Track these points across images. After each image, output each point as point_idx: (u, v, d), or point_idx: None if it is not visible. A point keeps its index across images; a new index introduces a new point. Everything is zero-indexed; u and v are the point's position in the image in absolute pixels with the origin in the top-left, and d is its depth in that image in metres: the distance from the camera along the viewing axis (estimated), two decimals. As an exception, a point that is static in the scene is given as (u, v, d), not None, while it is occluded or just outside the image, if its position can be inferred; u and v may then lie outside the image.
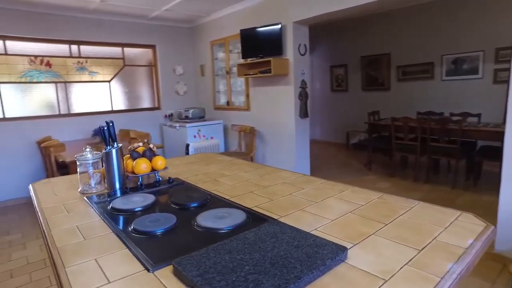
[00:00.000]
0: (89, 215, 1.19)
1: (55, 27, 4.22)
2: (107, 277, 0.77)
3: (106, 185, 1.48)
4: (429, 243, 0.84)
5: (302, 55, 3.60)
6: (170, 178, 1.60)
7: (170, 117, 5.50)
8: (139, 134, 4.24)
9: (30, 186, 1.65)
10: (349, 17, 6.31)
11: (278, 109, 3.92)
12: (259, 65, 3.84)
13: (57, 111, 4.42)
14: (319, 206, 1.16)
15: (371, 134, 4.86)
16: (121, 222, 1.10)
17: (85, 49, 4.57)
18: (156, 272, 0.78)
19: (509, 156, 2.22)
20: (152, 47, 5.24)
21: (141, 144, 1.63)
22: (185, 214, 1.14)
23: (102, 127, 1.44)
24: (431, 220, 0.99)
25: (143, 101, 5.33)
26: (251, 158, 4.31)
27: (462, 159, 3.86)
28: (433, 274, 0.71)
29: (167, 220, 1.05)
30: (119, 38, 4.80)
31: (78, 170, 1.48)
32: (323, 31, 7.05)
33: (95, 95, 4.77)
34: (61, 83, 4.42)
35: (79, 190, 1.49)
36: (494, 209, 2.61)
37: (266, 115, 4.16)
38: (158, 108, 5.47)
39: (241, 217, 1.05)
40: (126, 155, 1.60)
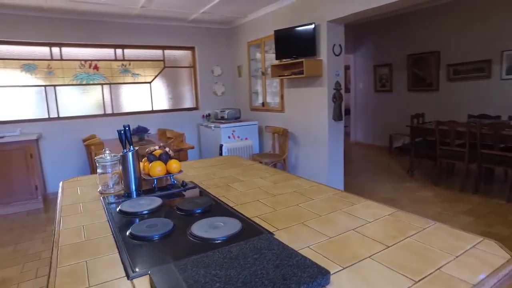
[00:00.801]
0: (98, 215, 1.24)
1: (102, 33, 4.54)
2: (89, 281, 0.79)
3: (123, 186, 1.54)
4: (429, 274, 0.75)
5: (337, 55, 3.46)
6: (183, 182, 1.62)
7: (207, 117, 5.63)
8: (174, 134, 4.40)
9: (60, 183, 1.78)
10: (394, 13, 5.94)
11: (311, 111, 3.82)
12: (293, 66, 3.76)
13: (102, 111, 4.76)
14: (321, 221, 1.09)
15: (413, 138, 4.53)
16: (124, 225, 1.13)
17: (128, 52, 4.86)
18: (135, 280, 0.78)
19: None
20: (191, 48, 5.40)
21: (157, 147, 1.68)
22: (186, 220, 1.14)
23: (120, 130, 1.51)
24: (442, 245, 0.88)
25: (182, 102, 5.51)
26: (284, 161, 4.25)
27: (519, 169, 3.43)
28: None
29: (163, 226, 1.06)
30: (160, 41, 5.01)
31: (97, 171, 1.56)
32: (367, 29, 6.73)
33: (137, 95, 5.04)
34: (106, 85, 4.75)
35: (98, 190, 1.57)
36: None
37: (299, 117, 4.07)
38: (197, 109, 5.62)
39: (235, 228, 1.02)
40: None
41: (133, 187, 1.52)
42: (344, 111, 8.99)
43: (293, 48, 3.69)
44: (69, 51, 4.43)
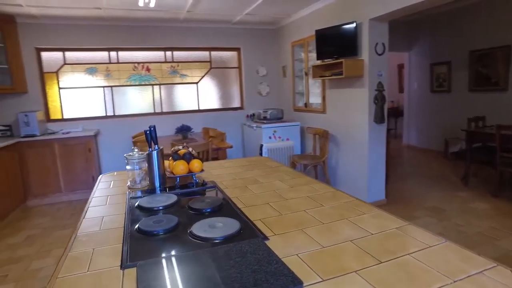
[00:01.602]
0: (119, 209, 1.35)
1: (154, 37, 4.87)
2: (89, 267, 0.87)
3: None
4: (414, 296, 0.69)
5: (380, 55, 3.27)
6: (204, 181, 1.69)
7: (251, 117, 5.71)
8: (216, 133, 4.55)
9: (100, 176, 1.96)
10: (453, 5, 5.43)
11: (351, 112, 3.67)
12: (334, 66, 3.65)
13: (152, 110, 5.10)
14: (322, 229, 1.06)
15: (470, 144, 4.10)
16: (137, 219, 1.22)
17: (177, 54, 5.14)
18: (126, 270, 0.84)
19: None
20: (237, 49, 5.53)
21: (181, 147, 1.76)
22: (193, 219, 1.18)
23: (146, 130, 1.62)
24: (444, 267, 0.80)
25: (227, 101, 5.67)
26: (323, 163, 4.16)
27: None
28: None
29: (168, 222, 1.12)
30: (207, 42, 5.21)
31: (126, 167, 1.69)
32: (424, 24, 6.25)
33: (184, 95, 5.31)
34: (157, 85, 5.09)
35: (127, 185, 1.70)
36: None
37: (340, 118, 3.94)
38: (241, 108, 5.74)
39: (232, 230, 1.04)
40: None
41: (157, 183, 1.62)
42: (397, 113, 8.43)
43: (334, 48, 3.58)
44: (124, 55, 4.84)
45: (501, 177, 3.76)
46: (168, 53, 5.08)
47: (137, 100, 5.02)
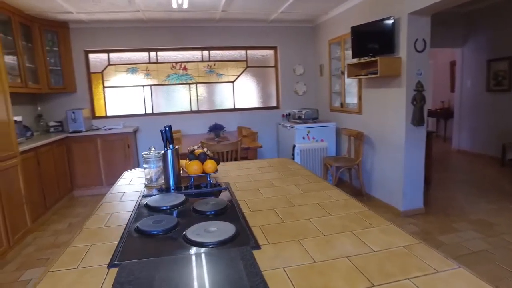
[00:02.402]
0: (129, 206, 1.39)
1: (191, 37, 5.00)
2: (80, 263, 0.90)
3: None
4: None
5: (419, 52, 3.01)
6: (216, 182, 1.68)
7: (287, 116, 5.62)
8: (248, 132, 4.55)
9: (124, 173, 2.05)
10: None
11: (387, 114, 3.44)
12: (369, 65, 3.45)
13: (189, 108, 5.25)
14: (321, 241, 0.99)
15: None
16: (142, 217, 1.23)
17: (214, 53, 5.23)
18: (111, 270, 0.85)
19: None
20: (273, 48, 5.48)
21: (196, 147, 1.77)
22: (194, 220, 1.17)
23: (161, 130, 1.65)
24: (446, 296, 0.70)
25: (263, 100, 5.64)
26: (358, 166, 3.96)
27: None
28: None
29: (167, 223, 1.12)
30: (243, 42, 5.23)
31: (144, 166, 1.74)
32: (481, 17, 5.68)
33: (220, 94, 5.39)
34: (193, 84, 5.22)
35: (144, 182, 1.75)
36: None
37: (376, 119, 3.72)
38: (277, 108, 5.68)
39: (226, 235, 1.01)
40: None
41: (171, 182, 1.64)
42: (448, 114, 7.79)
43: (370, 45, 3.38)
44: (163, 55, 5.04)
45: None
46: (205, 52, 5.18)
47: (174, 98, 5.20)
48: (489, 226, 3.03)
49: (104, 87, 4.93)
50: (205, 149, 1.75)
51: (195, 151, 1.78)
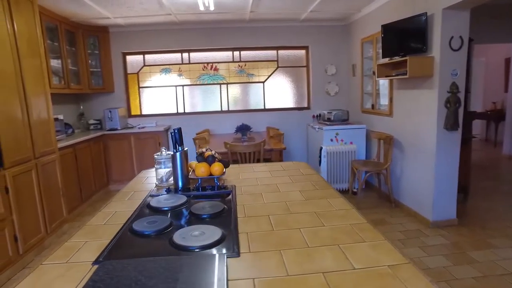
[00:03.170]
0: (134, 205, 1.46)
1: (221, 38, 5.09)
2: (71, 258, 0.96)
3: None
4: None
5: (455, 50, 2.78)
6: (223, 185, 1.70)
7: (318, 118, 5.51)
8: (275, 133, 4.54)
9: (141, 171, 2.14)
10: None
11: (418, 117, 3.23)
12: (400, 65, 3.27)
13: (219, 108, 5.35)
14: (302, 253, 0.96)
15: None
16: (142, 216, 1.29)
17: (244, 54, 5.27)
18: (94, 266, 0.90)
19: None
20: (305, 48, 5.39)
21: (204, 150, 1.80)
22: (189, 223, 1.21)
23: (171, 132, 1.70)
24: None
25: (293, 101, 5.58)
26: (386, 171, 3.78)
27: None
28: None
29: (159, 225, 1.16)
30: (274, 42, 5.21)
31: (155, 166, 1.80)
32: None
33: (251, 94, 5.42)
34: (224, 84, 5.31)
35: (155, 182, 1.82)
36: None
37: (406, 123, 3.51)
38: (308, 108, 5.59)
39: (210, 240, 1.02)
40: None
41: (179, 183, 1.69)
42: (499, 116, 7.15)
43: (401, 44, 3.20)
44: (195, 56, 5.18)
45: None
46: (236, 53, 5.25)
47: (206, 98, 5.33)
48: (531, 243, 2.74)
49: (139, 87, 5.20)
50: (213, 152, 1.78)
51: (204, 154, 1.82)
